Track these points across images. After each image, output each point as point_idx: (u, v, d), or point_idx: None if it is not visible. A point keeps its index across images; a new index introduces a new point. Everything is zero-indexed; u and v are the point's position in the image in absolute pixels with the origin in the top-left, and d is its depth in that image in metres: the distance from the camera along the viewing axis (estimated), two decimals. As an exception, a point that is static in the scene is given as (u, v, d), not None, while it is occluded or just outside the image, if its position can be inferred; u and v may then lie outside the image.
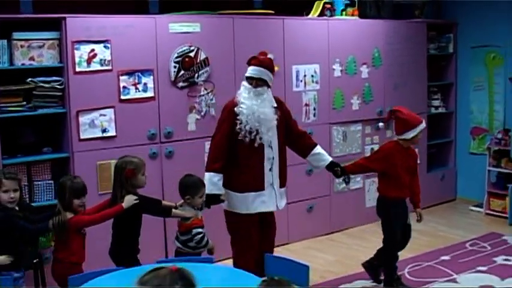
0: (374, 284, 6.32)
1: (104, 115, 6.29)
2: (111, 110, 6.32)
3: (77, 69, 6.10)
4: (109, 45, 6.24)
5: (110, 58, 6.26)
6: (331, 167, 6.09)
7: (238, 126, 5.58)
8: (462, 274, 6.61)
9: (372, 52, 8.30)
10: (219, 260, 6.62)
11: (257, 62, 5.74)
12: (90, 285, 4.13)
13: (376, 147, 8.04)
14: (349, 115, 8.15)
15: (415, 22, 8.97)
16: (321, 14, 7.95)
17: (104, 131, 6.29)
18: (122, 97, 6.36)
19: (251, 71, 5.71)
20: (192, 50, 6.72)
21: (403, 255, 7.09)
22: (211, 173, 5.59)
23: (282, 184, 5.89)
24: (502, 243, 7.61)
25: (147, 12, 6.84)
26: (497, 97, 9.14)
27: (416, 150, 6.70)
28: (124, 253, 5.22)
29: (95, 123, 6.24)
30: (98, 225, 5.11)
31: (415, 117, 6.14)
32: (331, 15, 8.02)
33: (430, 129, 9.21)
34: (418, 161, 6.68)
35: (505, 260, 7.03)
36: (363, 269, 6.52)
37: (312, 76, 7.72)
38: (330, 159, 6.11)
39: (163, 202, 5.59)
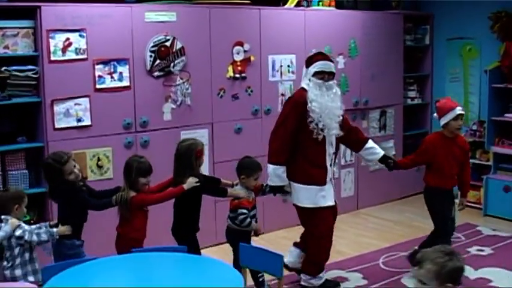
0: (350, 272, 6.32)
1: (79, 104, 6.26)
2: (87, 99, 6.29)
3: (52, 58, 6.06)
4: (84, 34, 6.21)
5: (85, 47, 6.22)
6: (384, 160, 6.26)
7: (310, 126, 5.68)
8: (436, 264, 6.65)
9: (348, 43, 8.32)
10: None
11: (325, 57, 5.91)
12: (62, 277, 4.12)
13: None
14: (325, 105, 8.13)
15: (391, 13, 9.00)
16: (298, 5, 7.95)
17: (79, 120, 6.27)
18: (97, 86, 6.34)
19: (321, 65, 5.82)
20: (168, 40, 6.70)
21: (378, 245, 7.17)
22: (276, 166, 5.77)
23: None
24: (476, 233, 7.68)
25: (123, 1, 6.80)
26: (472, 89, 9.19)
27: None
28: (185, 231, 5.48)
29: (70, 113, 6.20)
30: (161, 204, 5.34)
31: (448, 104, 6.19)
32: (307, 6, 8.04)
33: (406, 120, 9.29)
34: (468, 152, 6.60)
35: (479, 250, 7.09)
36: (337, 259, 6.56)
37: (288, 66, 7.73)
38: (382, 152, 6.27)
39: (222, 180, 5.83)
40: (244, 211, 5.53)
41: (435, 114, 6.28)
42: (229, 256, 5.63)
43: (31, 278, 4.85)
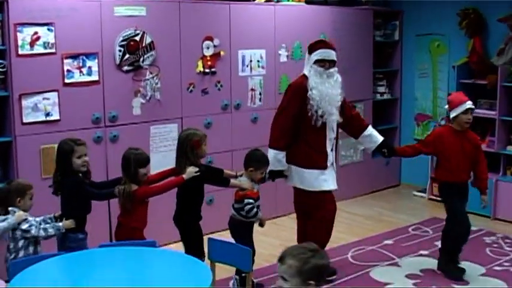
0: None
1: (48, 99, 6.21)
2: (55, 94, 6.24)
3: (20, 52, 6.00)
4: (53, 28, 6.16)
5: (53, 41, 6.18)
6: (380, 148, 6.31)
7: (309, 113, 5.81)
8: (404, 258, 6.73)
9: (318, 38, 8.31)
10: (165, 244, 6.66)
11: (326, 45, 6.02)
12: (31, 272, 4.09)
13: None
14: (295, 100, 8.15)
15: (361, 9, 9.04)
16: (268, 0, 7.96)
17: (47, 114, 6.22)
18: (66, 80, 6.29)
19: (323, 53, 5.95)
20: (138, 34, 6.68)
21: (347, 239, 7.20)
22: (276, 151, 5.93)
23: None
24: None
25: (92, -5, 6.77)
26: (440, 84, 9.27)
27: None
28: (188, 220, 5.57)
29: (38, 107, 6.16)
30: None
31: (459, 98, 6.22)
32: (278, 1, 8.04)
33: (376, 116, 9.34)
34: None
35: (446, 243, 7.16)
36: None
37: (258, 61, 7.75)
38: (380, 140, 6.32)
39: (225, 171, 5.88)
40: (251, 201, 5.64)
41: (446, 106, 6.31)
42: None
43: None
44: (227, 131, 7.49)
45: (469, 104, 6.09)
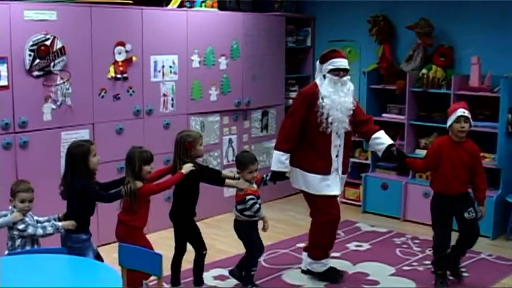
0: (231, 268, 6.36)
1: (-45, 104, 6.09)
2: (-38, 99, 6.12)
3: None
4: (-41, 32, 6.05)
5: (-40, 45, 6.07)
6: (387, 151, 6.29)
7: (318, 119, 5.97)
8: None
9: (230, 44, 8.40)
10: (103, 244, 6.75)
11: (340, 54, 6.15)
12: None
13: (234, 138, 8.26)
14: (207, 106, 8.23)
15: (274, 15, 9.13)
16: (181, 5, 7.98)
17: (-46, 120, 6.10)
18: (-26, 86, 6.18)
19: (337, 63, 6.10)
20: (48, 39, 6.59)
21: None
22: (280, 152, 6.15)
23: (344, 171, 6.32)
24: (355, 229, 7.92)
25: (1, -2, 6.67)
26: (352, 90, 9.43)
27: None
28: (183, 217, 5.89)
29: None
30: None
31: (453, 106, 6.20)
32: (190, 7, 8.07)
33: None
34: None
35: (357, 246, 7.33)
36: (220, 257, 6.63)
37: (170, 67, 7.73)
38: (387, 144, 6.26)
39: (223, 172, 6.23)
40: (252, 197, 5.86)
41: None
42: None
43: None
44: (139, 136, 7.43)
45: (460, 112, 5.95)
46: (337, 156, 6.17)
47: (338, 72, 6.07)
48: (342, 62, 6.09)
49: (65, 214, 5.30)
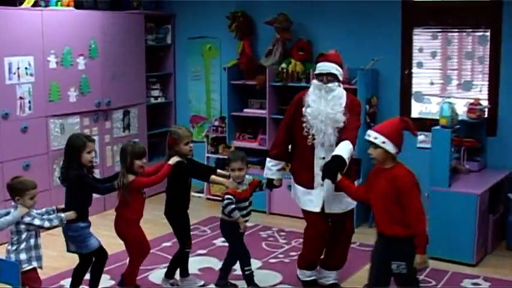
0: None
1: None
2: None
3: None
4: None
5: None
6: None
7: (305, 130, 5.69)
8: (183, 258, 6.80)
9: (88, 43, 8.26)
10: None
11: (323, 58, 5.78)
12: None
13: (95, 139, 8.11)
14: (67, 107, 8.06)
15: (132, 13, 9.07)
16: (35, 4, 7.76)
17: None
18: None
19: (319, 67, 5.72)
20: None
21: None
22: (268, 159, 6.07)
23: (338, 188, 5.51)
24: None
25: None
26: (213, 86, 9.51)
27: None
28: (177, 212, 6.10)
29: None
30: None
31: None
32: (46, 6, 7.88)
33: (151, 119, 9.39)
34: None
35: (224, 241, 7.29)
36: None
37: (26, 68, 7.50)
38: (332, 154, 5.43)
39: (219, 171, 6.23)
40: (229, 197, 5.80)
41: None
42: None
43: (35, 263, 5.16)
44: (-5, 140, 7.21)
45: (367, 136, 4.96)
46: (321, 170, 5.54)
47: (322, 77, 5.70)
48: (324, 66, 5.70)
49: (63, 208, 5.50)
